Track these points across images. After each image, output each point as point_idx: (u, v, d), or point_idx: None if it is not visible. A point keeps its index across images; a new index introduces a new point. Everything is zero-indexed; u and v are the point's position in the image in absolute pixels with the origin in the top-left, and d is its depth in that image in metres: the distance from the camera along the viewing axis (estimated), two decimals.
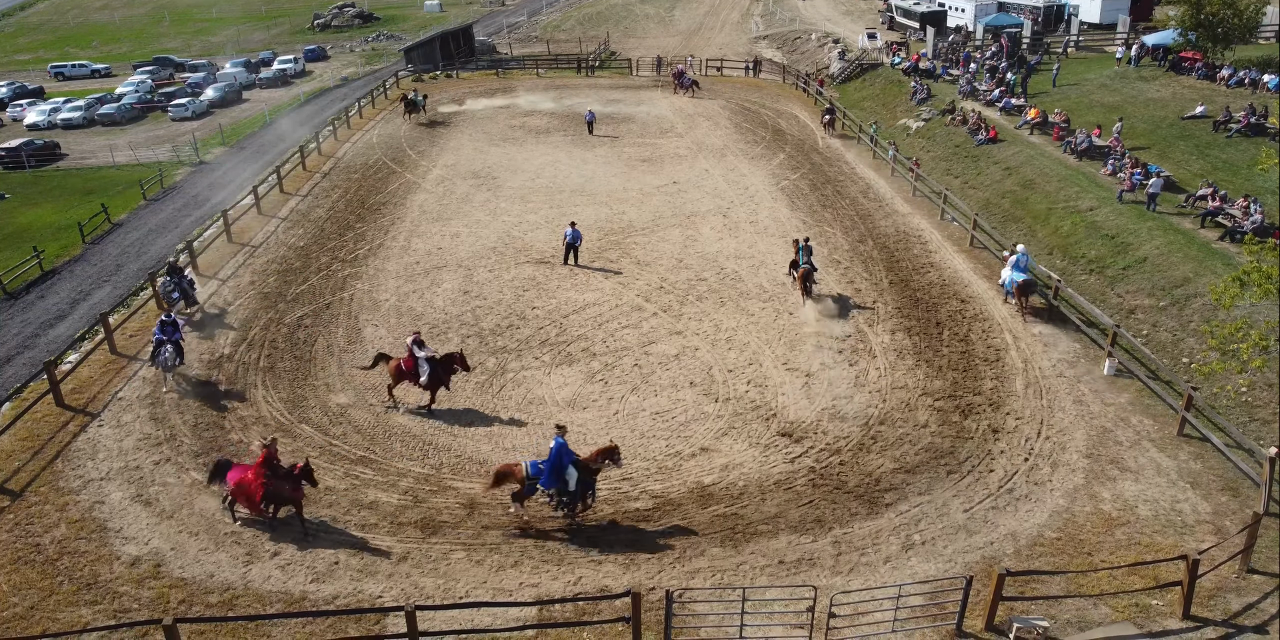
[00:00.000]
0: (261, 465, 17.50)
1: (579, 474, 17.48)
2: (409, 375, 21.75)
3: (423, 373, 21.60)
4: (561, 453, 17.29)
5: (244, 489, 17.66)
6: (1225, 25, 42.75)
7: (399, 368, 21.78)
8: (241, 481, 17.65)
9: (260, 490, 17.55)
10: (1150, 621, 15.39)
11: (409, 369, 21.69)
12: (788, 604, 15.58)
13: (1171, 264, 26.37)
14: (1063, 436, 20.50)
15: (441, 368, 21.75)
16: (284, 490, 17.67)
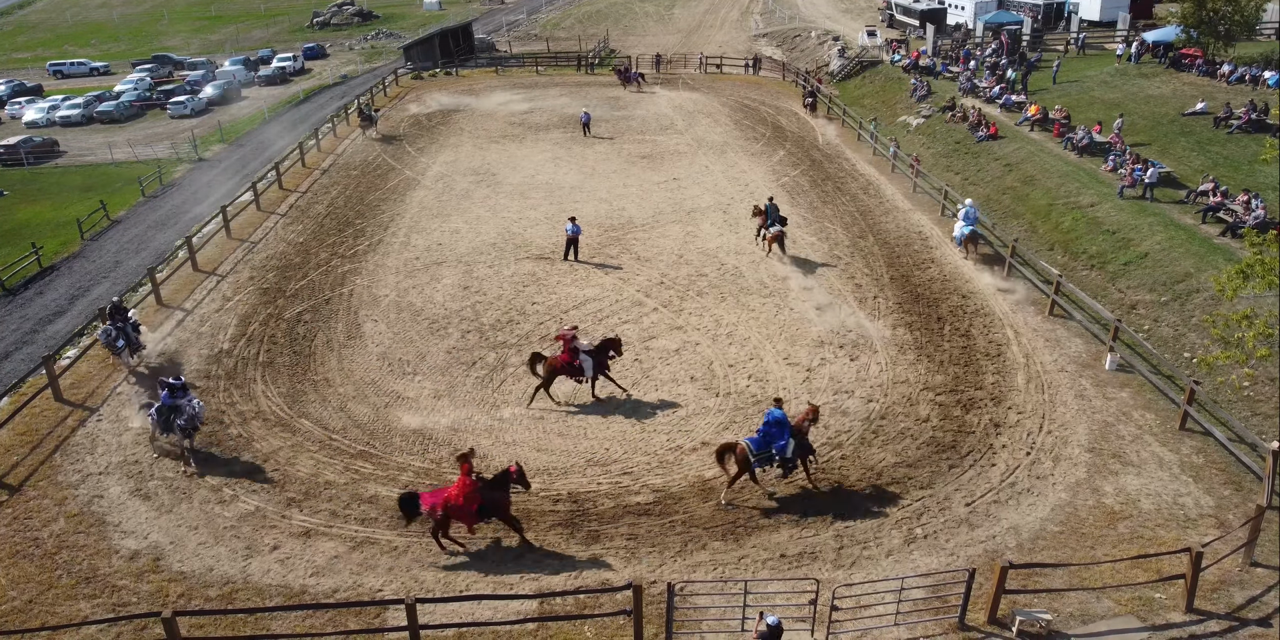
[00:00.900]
0: (469, 478, 16.56)
1: (796, 440, 17.78)
2: (569, 371, 21.27)
3: (586, 368, 21.29)
4: (782, 423, 17.64)
5: (456, 509, 16.48)
6: (1226, 22, 42.72)
7: (556, 366, 21.21)
8: (450, 501, 16.47)
9: (475, 503, 16.49)
10: (1153, 614, 15.33)
11: (568, 365, 21.20)
12: (789, 597, 15.52)
13: (1173, 259, 26.32)
14: (1064, 431, 20.45)
15: (599, 356, 21.49)
16: (498, 500, 16.73)
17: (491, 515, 16.83)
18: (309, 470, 19.68)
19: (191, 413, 19.82)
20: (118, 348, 23.42)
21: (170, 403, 19.77)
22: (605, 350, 21.51)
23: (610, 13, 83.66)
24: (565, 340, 21.19)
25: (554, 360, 21.24)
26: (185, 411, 19.77)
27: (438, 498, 16.60)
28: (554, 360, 21.24)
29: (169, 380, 20.10)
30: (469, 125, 49.40)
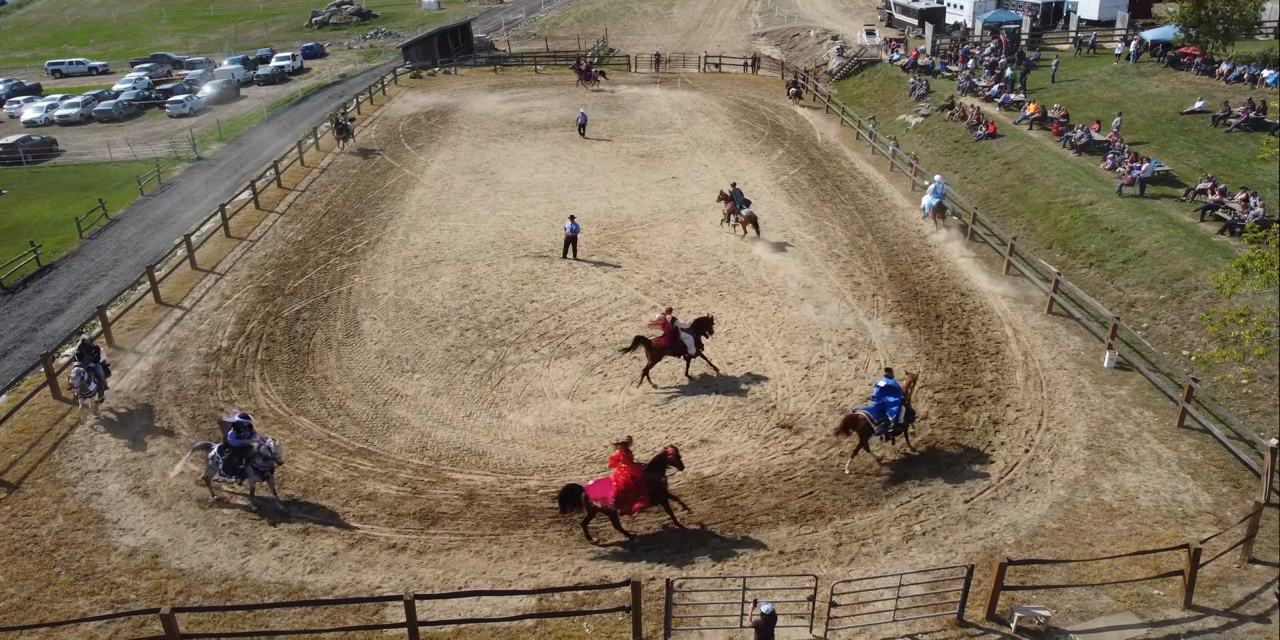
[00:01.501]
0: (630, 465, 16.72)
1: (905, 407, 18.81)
2: (674, 350, 21.95)
3: (689, 345, 22.00)
4: (894, 390, 18.65)
5: (629, 496, 16.47)
6: (1225, 21, 42.72)
7: (662, 346, 21.85)
8: (621, 491, 16.44)
9: (647, 489, 16.62)
10: (1152, 611, 15.35)
11: (670, 345, 21.82)
12: (788, 593, 15.52)
13: (1171, 257, 26.33)
14: (1063, 428, 20.46)
15: (696, 335, 22.11)
16: (660, 485, 16.87)
17: (658, 502, 16.99)
18: (308, 467, 19.68)
19: (268, 453, 17.82)
20: (89, 390, 21.19)
21: (239, 443, 17.74)
22: (700, 329, 22.28)
23: (609, 12, 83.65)
24: (664, 325, 21.97)
25: (658, 341, 21.98)
26: (260, 452, 17.74)
27: (606, 490, 16.54)
28: (658, 341, 21.98)
29: (235, 418, 18.04)
30: (468, 124, 49.38)
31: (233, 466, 17.81)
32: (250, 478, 17.98)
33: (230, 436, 17.72)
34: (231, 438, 17.70)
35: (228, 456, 17.76)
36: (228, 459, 17.77)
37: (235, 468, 17.82)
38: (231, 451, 17.73)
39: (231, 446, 17.72)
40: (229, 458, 17.76)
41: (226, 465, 17.81)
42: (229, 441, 17.74)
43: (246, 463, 17.79)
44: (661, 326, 22.05)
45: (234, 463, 17.77)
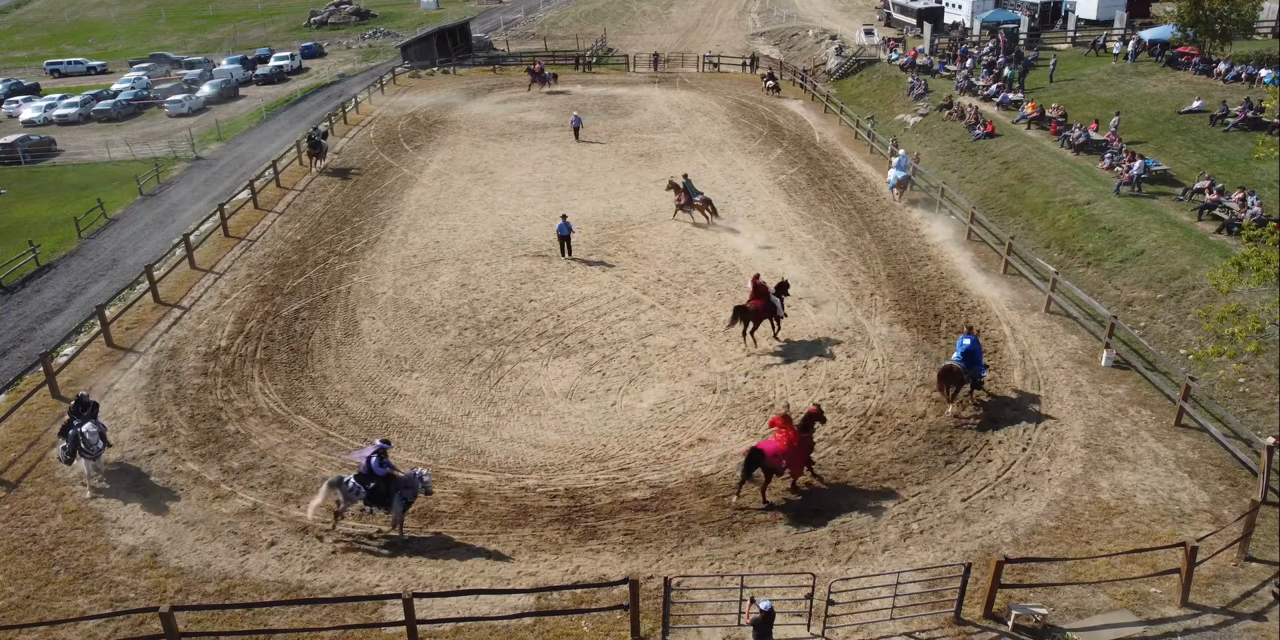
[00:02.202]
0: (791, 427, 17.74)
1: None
2: (768, 312, 23.80)
3: (779, 307, 24.01)
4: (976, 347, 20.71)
5: (796, 456, 17.67)
6: (1223, 21, 42.78)
7: (759, 309, 23.63)
8: (792, 447, 17.52)
9: (806, 448, 17.94)
10: (1148, 608, 15.39)
11: (764, 308, 23.66)
12: (786, 592, 15.56)
13: (1169, 256, 26.37)
14: (1061, 427, 20.49)
15: (781, 297, 24.17)
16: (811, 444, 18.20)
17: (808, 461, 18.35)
18: (306, 466, 19.70)
19: (420, 484, 17.02)
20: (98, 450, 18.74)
21: (383, 472, 16.95)
22: (782, 291, 24.24)
23: (608, 12, 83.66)
24: (756, 283, 23.78)
25: (755, 305, 23.63)
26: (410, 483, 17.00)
27: (778, 448, 17.45)
28: (755, 305, 23.63)
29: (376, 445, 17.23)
30: (466, 124, 49.38)
31: (379, 496, 16.94)
32: (396, 508, 17.11)
33: (374, 464, 16.92)
34: (375, 466, 16.93)
35: (372, 486, 16.89)
36: (373, 489, 16.89)
37: (381, 497, 16.94)
38: (376, 480, 16.90)
39: (376, 475, 16.91)
40: (374, 487, 16.89)
41: (372, 495, 16.92)
42: (372, 470, 16.90)
43: (394, 492, 16.97)
44: (754, 289, 23.71)
45: (380, 492, 16.91)
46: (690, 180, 33.38)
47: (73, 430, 18.80)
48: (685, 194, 32.81)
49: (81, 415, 19.02)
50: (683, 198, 32.85)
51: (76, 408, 19.22)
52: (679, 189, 33.09)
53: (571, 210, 32.38)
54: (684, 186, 32.96)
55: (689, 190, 32.82)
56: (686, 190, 32.82)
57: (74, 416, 19.08)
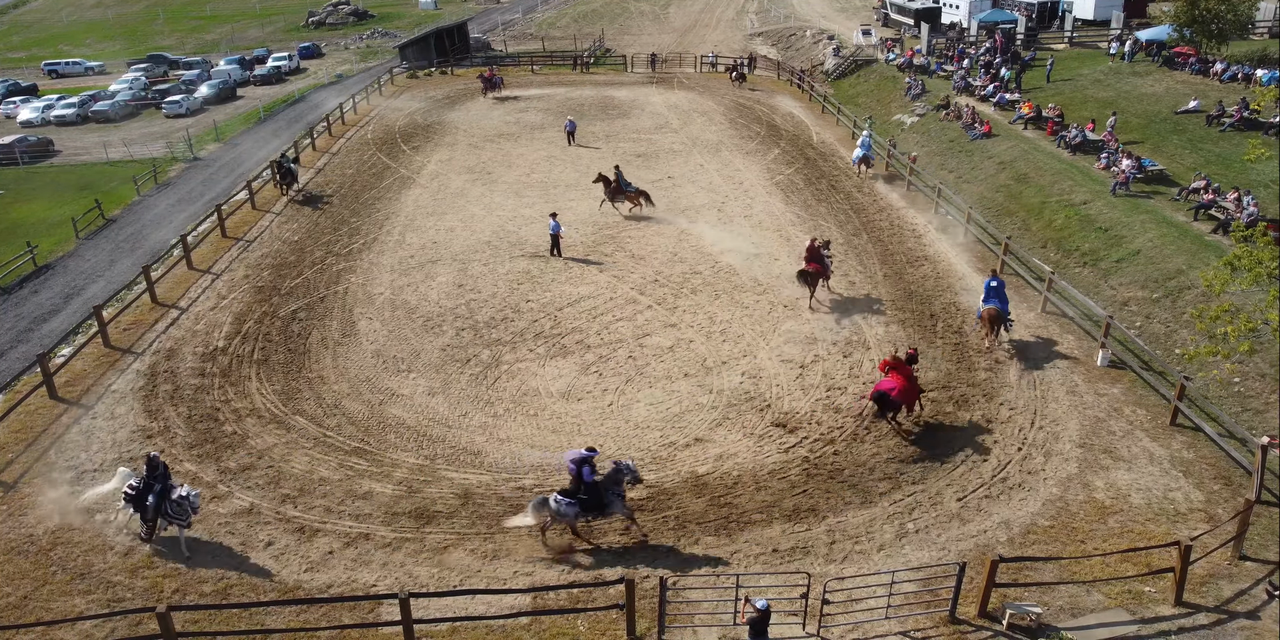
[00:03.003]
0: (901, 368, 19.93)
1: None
2: (823, 273, 26.38)
3: (828, 267, 26.58)
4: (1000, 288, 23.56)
5: (909, 393, 19.98)
6: (1219, 21, 42.85)
7: (816, 272, 26.05)
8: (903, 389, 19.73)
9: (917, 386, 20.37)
10: (1143, 607, 15.44)
11: (820, 270, 26.20)
12: (781, 591, 15.60)
13: (1165, 256, 26.43)
14: (1056, 426, 20.55)
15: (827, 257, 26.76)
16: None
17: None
18: (304, 467, 19.74)
19: (630, 471, 16.76)
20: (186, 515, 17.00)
21: (592, 479, 16.63)
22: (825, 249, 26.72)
23: (605, 12, 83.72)
24: (810, 247, 26.24)
25: (813, 268, 25.93)
26: (618, 479, 16.67)
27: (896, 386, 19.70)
28: (813, 268, 25.93)
29: (582, 453, 16.80)
30: (464, 124, 49.41)
31: (592, 505, 16.50)
32: (621, 510, 16.76)
33: (585, 473, 16.46)
34: (588, 475, 16.47)
35: (585, 496, 16.47)
36: (584, 500, 16.47)
37: (595, 505, 16.52)
38: (586, 489, 16.45)
39: (585, 484, 16.44)
40: (586, 498, 16.48)
41: (585, 506, 16.48)
42: (584, 479, 16.45)
43: (607, 495, 16.54)
44: (809, 252, 26.11)
45: (593, 501, 16.48)
46: (622, 172, 34.40)
47: (153, 497, 16.80)
48: (616, 185, 33.71)
49: (157, 477, 16.98)
50: (613, 189, 33.79)
51: (151, 470, 17.04)
52: (608, 181, 33.84)
53: (569, 211, 32.41)
54: (616, 178, 33.82)
55: (621, 182, 33.79)
56: (619, 182, 33.75)
57: (152, 480, 16.93)
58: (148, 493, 16.87)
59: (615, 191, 33.89)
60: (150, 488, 16.87)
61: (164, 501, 16.78)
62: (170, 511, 16.82)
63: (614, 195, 33.98)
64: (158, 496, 16.82)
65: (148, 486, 16.89)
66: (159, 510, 16.83)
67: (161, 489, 16.87)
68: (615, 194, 33.94)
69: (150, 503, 16.81)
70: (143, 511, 16.96)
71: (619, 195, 33.96)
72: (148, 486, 16.89)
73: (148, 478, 16.96)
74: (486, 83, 56.07)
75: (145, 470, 17.10)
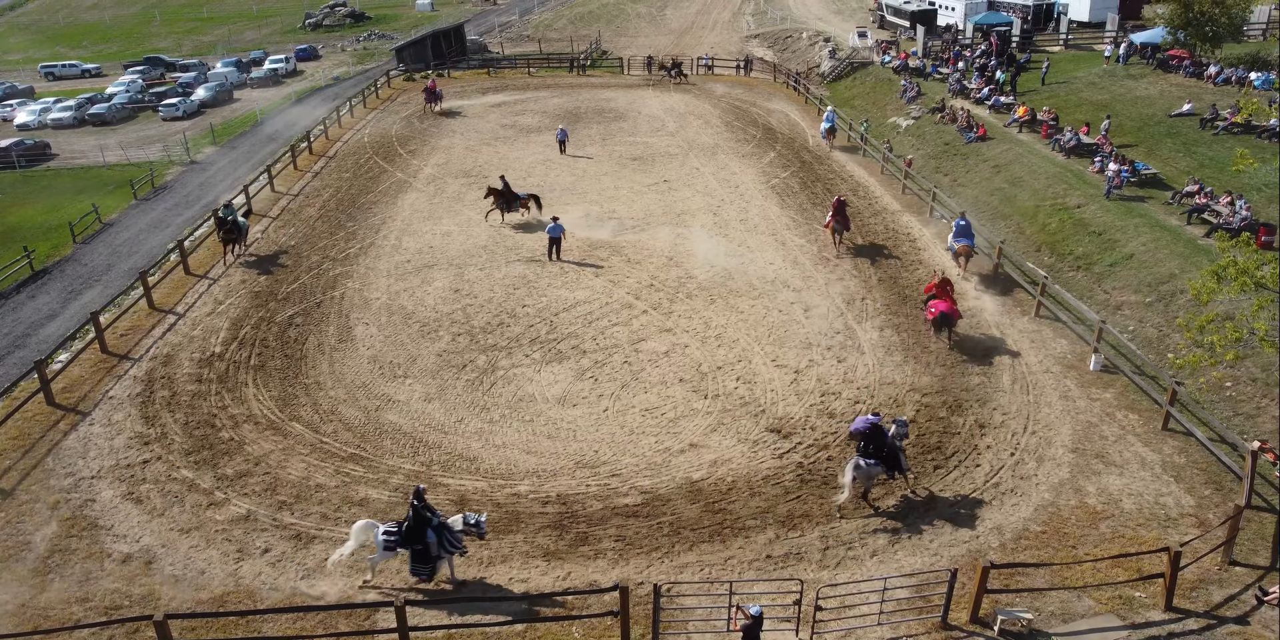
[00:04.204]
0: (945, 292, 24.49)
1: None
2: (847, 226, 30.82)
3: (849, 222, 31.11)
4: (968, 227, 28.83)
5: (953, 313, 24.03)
6: (1213, 24, 42.97)
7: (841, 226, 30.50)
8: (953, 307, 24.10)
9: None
10: (1133, 613, 15.56)
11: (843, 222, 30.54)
12: (775, 597, 15.70)
13: (1158, 260, 26.57)
14: (1049, 431, 20.67)
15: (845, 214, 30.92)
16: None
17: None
18: (300, 473, 19.83)
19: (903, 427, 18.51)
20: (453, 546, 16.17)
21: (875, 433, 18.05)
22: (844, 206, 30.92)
23: (602, 13, 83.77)
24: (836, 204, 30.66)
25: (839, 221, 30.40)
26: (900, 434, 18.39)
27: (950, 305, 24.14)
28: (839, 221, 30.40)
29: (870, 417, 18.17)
30: (460, 127, 49.49)
31: (892, 461, 18.00)
32: (906, 465, 18.44)
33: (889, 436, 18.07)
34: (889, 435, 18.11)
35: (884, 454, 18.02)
36: (885, 456, 18.04)
37: (893, 462, 18.03)
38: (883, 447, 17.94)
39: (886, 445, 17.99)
40: (885, 455, 18.04)
41: (889, 464, 18.10)
42: (885, 439, 17.96)
43: (902, 453, 18.24)
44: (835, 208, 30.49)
45: (891, 459, 18.00)
46: (508, 181, 34.50)
47: (432, 532, 15.86)
48: (508, 194, 33.75)
49: (426, 504, 16.10)
50: (506, 198, 33.71)
51: (420, 499, 16.05)
52: (499, 193, 33.77)
53: (564, 214, 32.48)
54: (505, 188, 33.90)
55: (509, 191, 33.87)
56: (507, 191, 33.80)
57: (425, 510, 15.96)
58: (422, 528, 15.75)
59: (509, 200, 33.73)
60: (426, 521, 15.78)
61: (444, 533, 15.90)
62: (451, 543, 16.03)
63: (508, 204, 33.73)
64: (437, 530, 15.82)
65: (422, 521, 15.77)
66: (442, 544, 15.91)
67: (439, 521, 15.91)
68: (509, 203, 33.73)
69: (431, 538, 15.79)
70: (422, 548, 15.85)
71: (513, 203, 33.79)
72: (422, 521, 15.77)
73: (420, 511, 15.83)
74: (430, 94, 52.80)
75: (415, 502, 15.90)
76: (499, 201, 33.86)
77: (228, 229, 30.92)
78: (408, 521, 15.89)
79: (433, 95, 52.95)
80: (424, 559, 15.93)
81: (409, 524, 15.85)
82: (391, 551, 16.02)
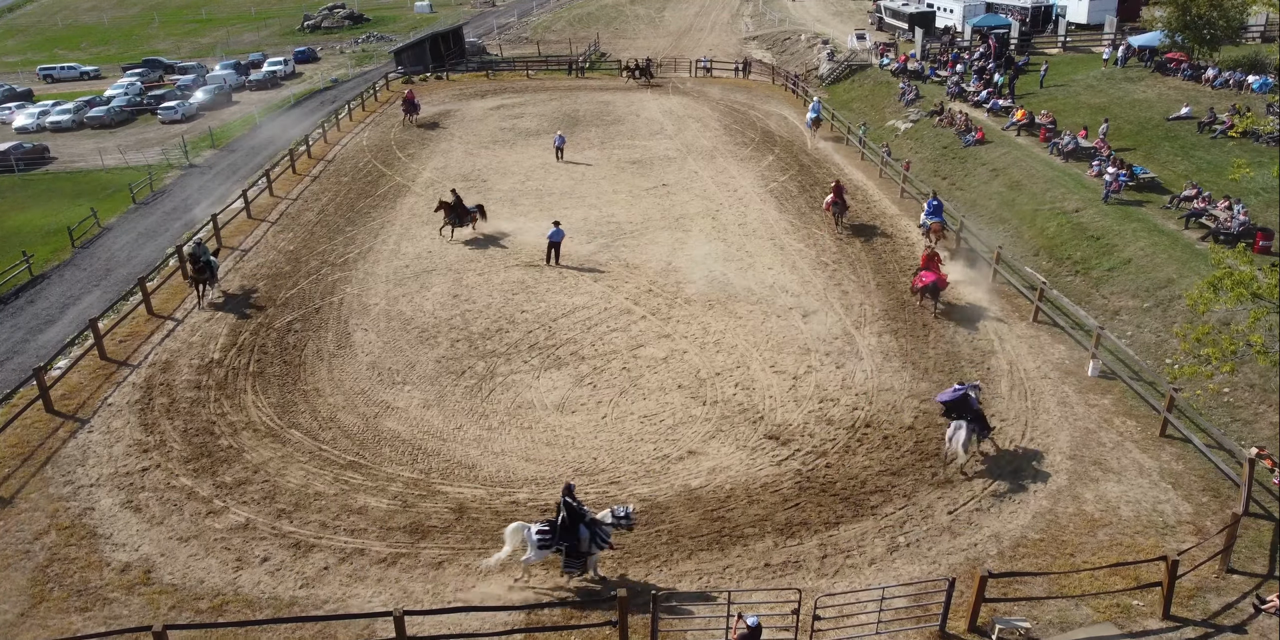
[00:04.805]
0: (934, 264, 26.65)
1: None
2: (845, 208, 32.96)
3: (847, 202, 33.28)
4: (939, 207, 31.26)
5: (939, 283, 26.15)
6: (1211, 27, 43.02)
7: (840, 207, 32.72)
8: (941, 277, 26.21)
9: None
10: (1131, 622, 15.59)
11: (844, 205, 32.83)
12: (773, 606, 15.73)
13: (1156, 265, 26.60)
14: (1047, 438, 20.70)
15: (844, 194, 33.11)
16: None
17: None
18: (299, 481, 19.84)
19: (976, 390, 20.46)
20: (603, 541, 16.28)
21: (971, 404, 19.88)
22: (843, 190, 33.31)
23: (601, 15, 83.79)
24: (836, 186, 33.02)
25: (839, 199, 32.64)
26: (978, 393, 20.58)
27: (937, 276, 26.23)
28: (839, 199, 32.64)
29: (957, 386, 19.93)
30: (459, 130, 49.47)
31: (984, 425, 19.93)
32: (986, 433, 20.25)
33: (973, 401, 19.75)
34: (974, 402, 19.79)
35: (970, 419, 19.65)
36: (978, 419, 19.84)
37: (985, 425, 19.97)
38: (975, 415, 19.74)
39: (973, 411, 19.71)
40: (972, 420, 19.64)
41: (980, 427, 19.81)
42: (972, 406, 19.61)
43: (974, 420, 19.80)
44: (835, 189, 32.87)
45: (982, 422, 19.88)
46: (460, 195, 33.39)
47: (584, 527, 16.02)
48: (459, 208, 32.60)
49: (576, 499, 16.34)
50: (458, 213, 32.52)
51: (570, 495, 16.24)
52: (450, 206, 32.58)
53: (564, 218, 32.50)
54: (456, 201, 32.71)
55: (460, 205, 32.72)
56: (459, 205, 32.65)
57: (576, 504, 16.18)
58: (575, 524, 15.91)
59: (460, 215, 32.61)
60: (580, 517, 15.95)
61: (595, 528, 16.07)
62: (601, 538, 16.20)
63: (460, 219, 32.63)
64: (589, 525, 16.02)
65: (576, 517, 15.91)
66: (593, 540, 16.09)
67: (591, 517, 16.13)
68: (461, 217, 32.62)
69: (584, 534, 15.96)
70: (573, 545, 16.02)
71: (464, 217, 32.72)
72: (576, 517, 15.91)
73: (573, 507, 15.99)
74: (407, 105, 50.29)
75: (567, 499, 16.05)
76: (450, 216, 32.55)
77: (198, 268, 28.14)
78: (560, 519, 16.06)
79: (410, 106, 50.40)
80: (576, 555, 16.18)
81: (563, 521, 16.01)
82: (547, 550, 16.14)
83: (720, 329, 26.00)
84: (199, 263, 28.04)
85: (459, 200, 32.96)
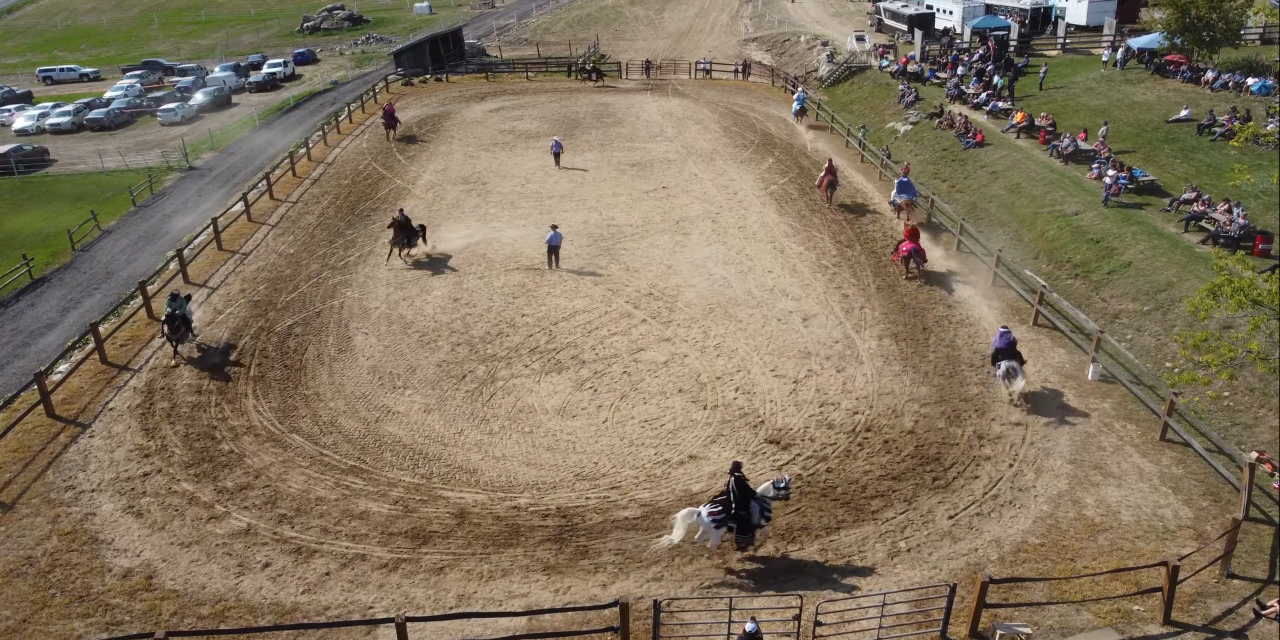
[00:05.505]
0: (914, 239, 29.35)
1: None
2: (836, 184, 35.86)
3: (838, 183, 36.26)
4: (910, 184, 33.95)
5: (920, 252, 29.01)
6: (1211, 29, 43.06)
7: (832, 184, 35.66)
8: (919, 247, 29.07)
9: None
10: (1131, 627, 15.62)
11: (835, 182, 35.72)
12: (774, 612, 15.74)
13: (1156, 268, 26.62)
14: (1047, 442, 20.73)
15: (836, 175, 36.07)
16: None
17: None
18: (300, 486, 19.86)
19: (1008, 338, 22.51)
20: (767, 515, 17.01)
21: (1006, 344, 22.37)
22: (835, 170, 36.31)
23: (601, 17, 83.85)
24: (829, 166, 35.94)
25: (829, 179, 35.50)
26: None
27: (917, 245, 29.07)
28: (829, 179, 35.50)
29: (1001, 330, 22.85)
30: (459, 133, 49.49)
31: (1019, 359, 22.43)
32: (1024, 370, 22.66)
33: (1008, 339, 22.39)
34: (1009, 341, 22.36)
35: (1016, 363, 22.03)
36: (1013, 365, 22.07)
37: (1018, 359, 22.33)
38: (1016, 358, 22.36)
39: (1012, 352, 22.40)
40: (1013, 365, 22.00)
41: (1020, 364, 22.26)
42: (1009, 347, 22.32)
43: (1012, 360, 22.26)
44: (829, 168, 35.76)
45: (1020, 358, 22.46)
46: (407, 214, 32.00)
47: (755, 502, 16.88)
48: (409, 227, 31.36)
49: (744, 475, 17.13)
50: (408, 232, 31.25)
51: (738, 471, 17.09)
52: (400, 225, 31.17)
53: (563, 222, 32.52)
54: (405, 220, 31.37)
55: (408, 225, 31.36)
56: (406, 225, 31.30)
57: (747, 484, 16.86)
58: (747, 499, 16.62)
59: (410, 234, 31.32)
60: (750, 492, 16.69)
61: (763, 502, 16.86)
62: (766, 511, 16.94)
63: (409, 238, 31.31)
64: (758, 500, 16.77)
65: (746, 493, 16.60)
66: (763, 513, 16.85)
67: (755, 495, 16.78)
68: (410, 236, 31.33)
69: (755, 508, 16.71)
70: (742, 521, 16.69)
71: (413, 238, 31.45)
72: (746, 493, 16.60)
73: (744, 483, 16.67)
74: (388, 119, 48.07)
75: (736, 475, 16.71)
76: (399, 236, 31.12)
77: (174, 325, 25.10)
78: (731, 496, 16.57)
79: (391, 120, 48.00)
80: (746, 529, 16.79)
81: (735, 497, 16.52)
82: (722, 528, 16.63)
83: (721, 333, 26.02)
84: (175, 320, 25.14)
85: (406, 220, 31.48)
